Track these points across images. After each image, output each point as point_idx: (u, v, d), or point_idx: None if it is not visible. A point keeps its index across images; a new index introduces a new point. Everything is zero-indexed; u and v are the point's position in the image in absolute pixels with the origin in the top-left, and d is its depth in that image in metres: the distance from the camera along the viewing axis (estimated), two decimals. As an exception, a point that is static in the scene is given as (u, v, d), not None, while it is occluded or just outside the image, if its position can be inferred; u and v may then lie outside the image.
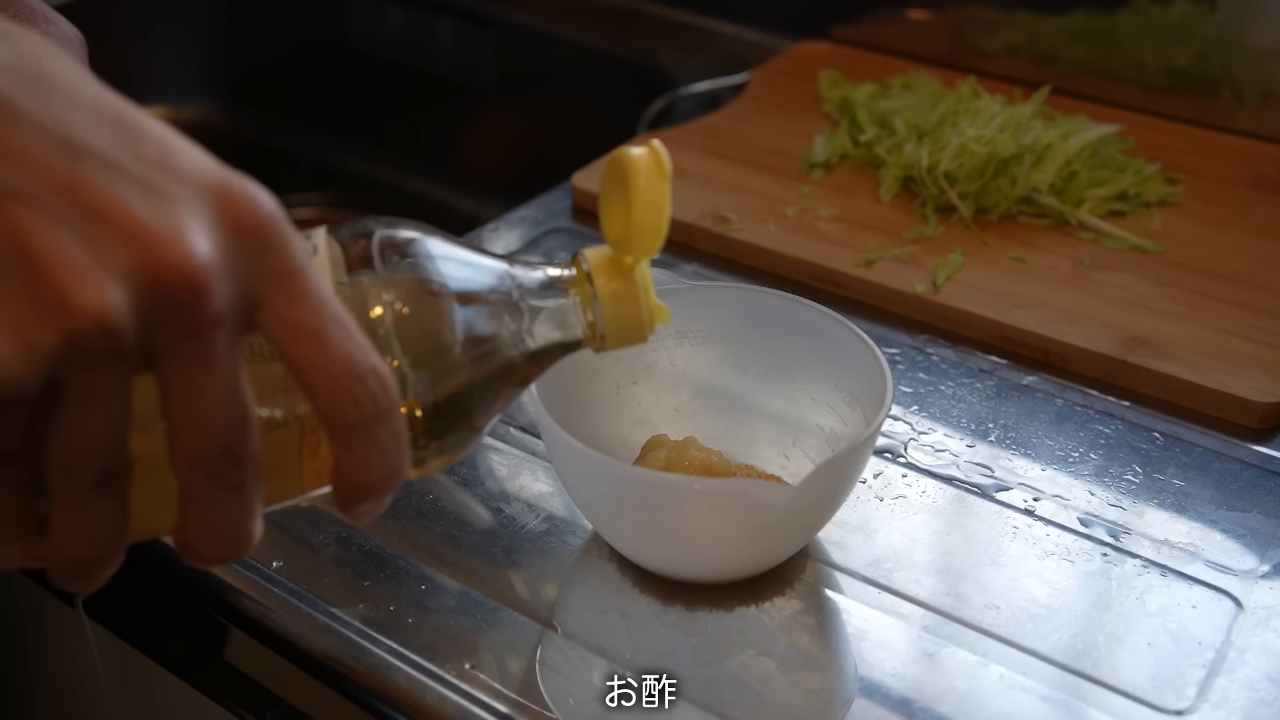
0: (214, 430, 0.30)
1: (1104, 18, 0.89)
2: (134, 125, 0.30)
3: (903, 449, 0.58)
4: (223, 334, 0.30)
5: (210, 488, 0.31)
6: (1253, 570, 0.52)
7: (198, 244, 0.29)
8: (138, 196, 0.29)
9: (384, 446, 0.32)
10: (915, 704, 0.46)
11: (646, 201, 0.39)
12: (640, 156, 0.39)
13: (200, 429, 0.30)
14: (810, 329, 0.54)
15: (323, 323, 0.31)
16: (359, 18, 1.22)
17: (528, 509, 0.55)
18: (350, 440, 0.32)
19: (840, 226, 0.74)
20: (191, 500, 0.31)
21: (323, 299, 0.31)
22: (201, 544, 0.32)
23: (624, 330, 0.41)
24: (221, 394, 0.30)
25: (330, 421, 0.32)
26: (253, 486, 0.32)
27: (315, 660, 0.49)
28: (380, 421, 0.32)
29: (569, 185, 0.79)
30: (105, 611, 0.60)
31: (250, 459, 0.31)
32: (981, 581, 0.51)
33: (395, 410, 0.32)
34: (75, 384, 0.28)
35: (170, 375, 0.30)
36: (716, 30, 1.07)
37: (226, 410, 0.30)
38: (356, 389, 0.31)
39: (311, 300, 0.31)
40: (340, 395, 0.31)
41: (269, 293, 0.31)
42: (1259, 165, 0.81)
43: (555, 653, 0.48)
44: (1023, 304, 0.67)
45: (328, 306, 0.31)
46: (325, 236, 0.37)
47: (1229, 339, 0.64)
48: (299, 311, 0.31)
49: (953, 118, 0.78)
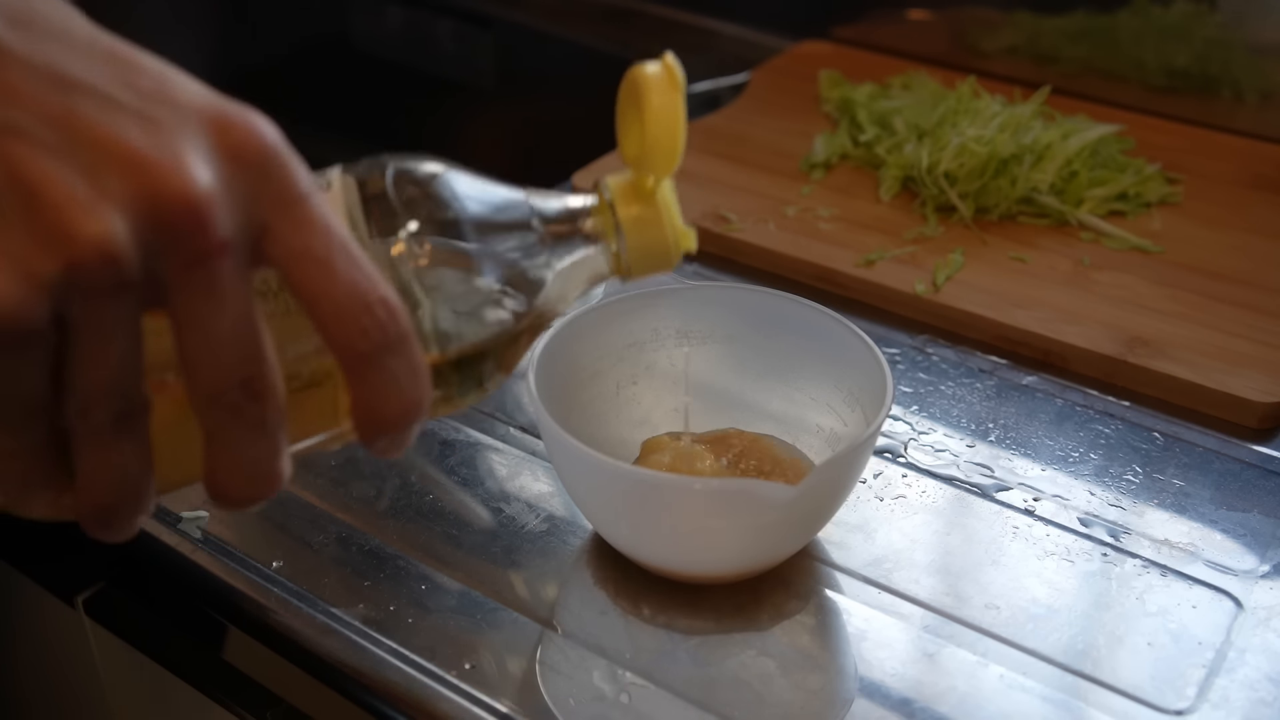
0: (229, 363, 0.30)
1: (1104, 18, 0.89)
2: (129, 60, 0.30)
3: (903, 449, 0.58)
4: (229, 263, 0.29)
5: (232, 425, 0.31)
6: (1253, 570, 0.52)
7: (197, 171, 0.29)
8: (134, 127, 0.28)
9: (398, 378, 0.32)
10: (915, 704, 0.46)
11: (661, 116, 0.38)
12: (653, 72, 0.38)
13: (215, 362, 0.30)
14: (810, 329, 0.54)
15: (329, 250, 0.31)
16: (359, 18, 1.22)
17: (528, 509, 0.55)
18: (362, 371, 0.31)
19: (840, 226, 0.74)
20: (215, 440, 0.31)
21: (328, 226, 0.31)
22: (229, 485, 0.32)
23: (649, 257, 0.39)
24: (233, 325, 0.30)
25: (340, 352, 0.31)
26: (275, 423, 0.31)
27: (315, 660, 0.49)
28: (391, 352, 0.31)
29: (569, 185, 0.79)
30: (105, 611, 0.60)
31: (270, 394, 0.31)
32: (981, 581, 0.51)
33: (407, 341, 0.32)
34: (83, 318, 0.28)
35: (180, 308, 0.29)
36: (716, 30, 1.07)
37: (240, 342, 0.30)
38: (365, 319, 0.31)
39: (316, 227, 0.31)
40: (348, 324, 0.31)
41: (274, 220, 0.30)
42: (1259, 165, 0.81)
43: (555, 653, 0.48)
44: (1023, 304, 0.67)
45: (334, 234, 0.31)
46: (340, 174, 0.36)
47: (1229, 339, 0.64)
48: (304, 238, 0.30)
49: (953, 118, 0.78)
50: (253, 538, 0.53)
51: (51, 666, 0.69)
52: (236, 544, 0.52)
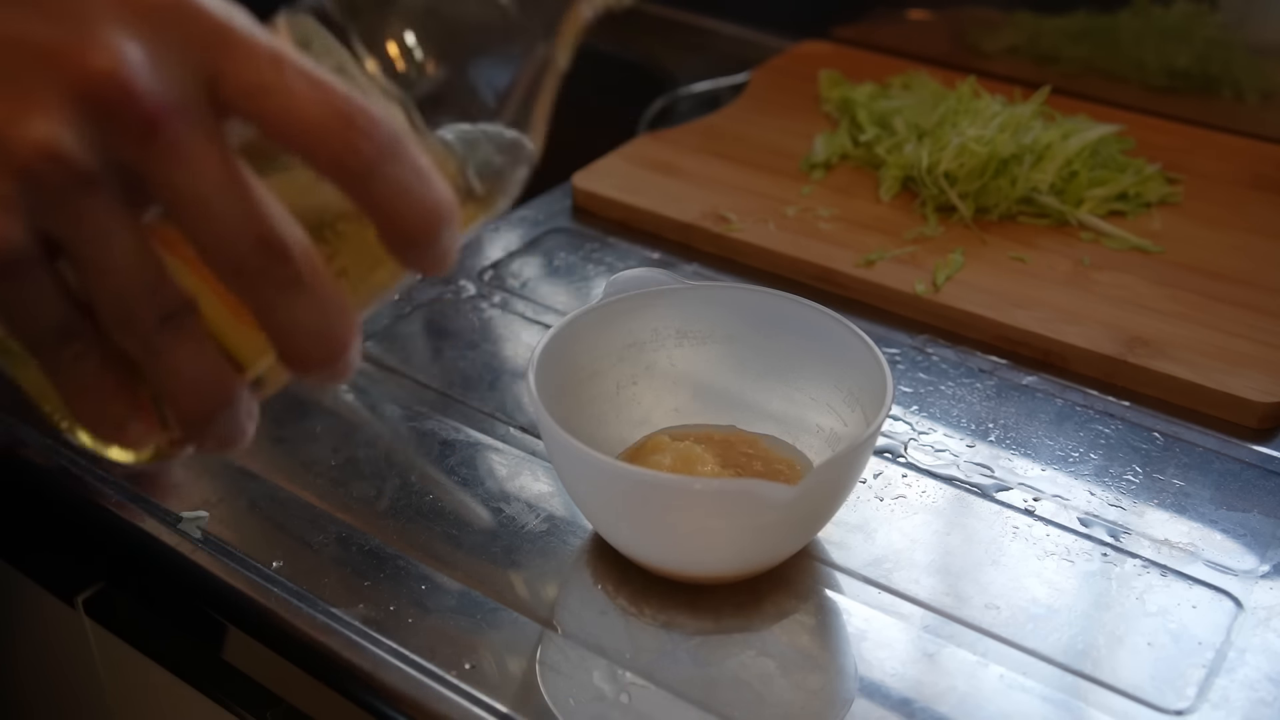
0: (231, 229, 0.29)
1: (1104, 18, 0.89)
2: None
3: (903, 449, 0.58)
4: (184, 124, 0.28)
5: (268, 291, 0.29)
6: (1253, 570, 0.52)
7: (111, 44, 0.27)
8: (38, 21, 0.27)
9: (406, 185, 0.30)
10: (915, 704, 0.46)
11: None
12: None
13: (216, 231, 0.29)
14: (810, 329, 0.54)
15: (282, 76, 0.29)
16: (359, 18, 1.21)
17: (528, 509, 0.55)
18: (367, 191, 0.30)
19: (840, 226, 0.74)
20: (262, 313, 0.30)
21: (276, 54, 0.29)
22: (301, 353, 0.31)
23: None
24: (218, 186, 0.28)
25: (336, 177, 0.29)
26: (315, 278, 0.30)
27: (315, 660, 0.49)
28: (387, 160, 0.30)
29: (569, 185, 0.79)
30: (105, 611, 0.60)
31: (289, 248, 0.29)
32: (981, 581, 0.51)
33: (400, 144, 0.30)
34: (65, 226, 0.28)
35: (159, 188, 0.28)
36: (716, 30, 1.07)
37: (233, 202, 0.28)
38: (347, 134, 0.29)
39: (264, 58, 0.29)
40: (332, 145, 0.29)
41: (219, 66, 0.29)
42: (1259, 165, 0.81)
43: (555, 653, 0.48)
44: (1023, 304, 0.67)
45: (284, 59, 0.29)
46: (284, 16, 0.33)
47: (1229, 339, 0.64)
48: (254, 72, 0.29)
49: (953, 118, 0.78)
50: (253, 538, 0.53)
51: (51, 666, 0.69)
52: (236, 544, 0.52)
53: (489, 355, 0.65)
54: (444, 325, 0.68)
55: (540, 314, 0.68)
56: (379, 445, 0.58)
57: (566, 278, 0.72)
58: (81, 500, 0.55)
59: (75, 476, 0.56)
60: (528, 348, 0.65)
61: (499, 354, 0.65)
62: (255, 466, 0.57)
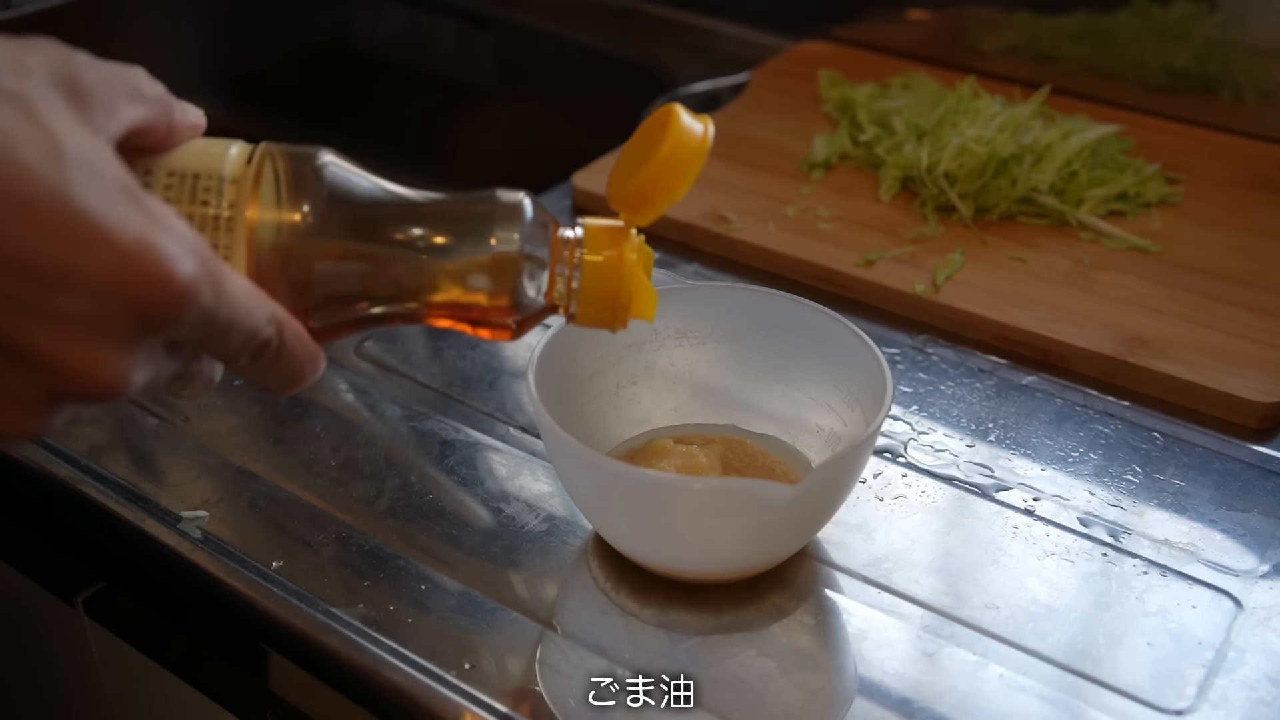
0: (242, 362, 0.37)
1: (1104, 18, 0.89)
2: (31, 214, 0.30)
3: (903, 449, 0.58)
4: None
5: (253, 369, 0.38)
6: (1253, 570, 0.52)
7: (112, 368, 0.32)
8: (44, 332, 0.31)
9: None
10: (915, 704, 0.46)
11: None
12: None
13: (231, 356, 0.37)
14: (810, 329, 0.54)
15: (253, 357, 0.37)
16: (359, 18, 1.22)
17: (528, 509, 0.55)
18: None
19: (840, 226, 0.74)
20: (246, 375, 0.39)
21: (250, 330, 0.36)
22: (280, 391, 0.39)
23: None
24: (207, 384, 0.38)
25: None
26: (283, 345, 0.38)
27: (315, 660, 0.49)
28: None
29: (569, 185, 0.79)
30: (105, 611, 0.60)
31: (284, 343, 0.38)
32: (981, 581, 0.51)
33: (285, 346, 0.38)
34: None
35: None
36: (716, 30, 1.07)
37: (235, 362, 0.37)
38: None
39: (238, 339, 0.36)
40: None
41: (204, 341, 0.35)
42: (1259, 165, 0.82)
43: (555, 653, 0.48)
44: (1023, 304, 0.67)
45: (234, 335, 0.35)
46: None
47: (1229, 339, 0.64)
48: (233, 351, 0.36)
49: (953, 118, 0.78)
50: (253, 538, 0.53)
51: (52, 666, 0.69)
52: (236, 544, 0.52)
53: (489, 355, 0.65)
54: (444, 325, 0.68)
55: (540, 314, 0.68)
56: (379, 445, 0.58)
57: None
58: (81, 500, 0.55)
59: (75, 477, 0.56)
60: (528, 348, 0.65)
61: (499, 354, 0.65)
62: (255, 466, 0.57)
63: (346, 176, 0.40)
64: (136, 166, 0.38)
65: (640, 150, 0.40)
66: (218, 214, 0.38)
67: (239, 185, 0.38)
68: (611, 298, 0.41)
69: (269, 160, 0.38)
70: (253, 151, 0.39)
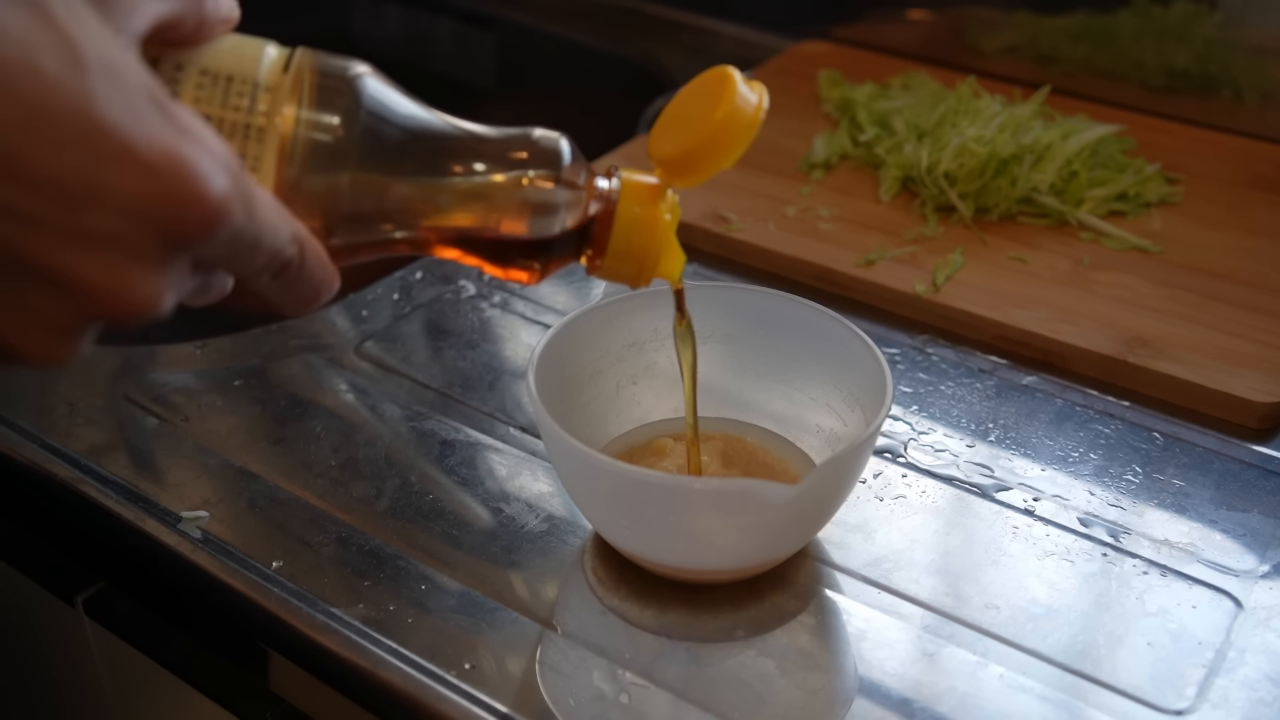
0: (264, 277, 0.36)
1: (1104, 18, 0.89)
2: (52, 129, 0.29)
3: (903, 449, 0.58)
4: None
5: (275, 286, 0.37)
6: (1253, 570, 0.52)
7: (145, 288, 0.31)
8: (72, 253, 0.30)
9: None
10: (915, 704, 0.46)
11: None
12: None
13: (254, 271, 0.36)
14: (810, 329, 0.54)
15: (281, 270, 0.36)
16: (359, 18, 1.22)
17: (528, 509, 0.55)
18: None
19: (840, 226, 0.74)
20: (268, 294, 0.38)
21: (275, 250, 0.35)
22: (298, 311, 0.39)
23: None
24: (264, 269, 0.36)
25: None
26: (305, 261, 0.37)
27: (315, 660, 0.49)
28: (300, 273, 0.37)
29: (569, 185, 0.79)
30: (105, 611, 0.60)
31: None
32: (981, 581, 0.51)
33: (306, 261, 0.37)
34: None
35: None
36: (716, 30, 1.07)
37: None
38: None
39: (262, 258, 0.35)
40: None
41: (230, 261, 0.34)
42: (1259, 165, 0.82)
43: (555, 653, 0.48)
44: (1023, 304, 0.67)
45: (261, 249, 0.34)
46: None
47: (1229, 339, 0.64)
48: (255, 270, 0.35)
49: (953, 118, 0.78)
50: (253, 538, 0.53)
51: (51, 666, 0.69)
52: (236, 544, 0.52)
53: (489, 355, 0.65)
54: (444, 325, 0.68)
55: (540, 314, 0.68)
56: (379, 445, 0.58)
57: (566, 278, 0.72)
58: (81, 500, 0.55)
59: (75, 477, 0.56)
60: (528, 348, 0.65)
61: (499, 354, 0.65)
62: (255, 466, 0.57)
63: (384, 93, 0.38)
64: (166, 62, 0.36)
65: (688, 111, 0.39)
66: (249, 122, 0.36)
67: (274, 94, 0.36)
68: (640, 253, 0.41)
69: (306, 71, 0.37)
70: (289, 56, 0.38)
